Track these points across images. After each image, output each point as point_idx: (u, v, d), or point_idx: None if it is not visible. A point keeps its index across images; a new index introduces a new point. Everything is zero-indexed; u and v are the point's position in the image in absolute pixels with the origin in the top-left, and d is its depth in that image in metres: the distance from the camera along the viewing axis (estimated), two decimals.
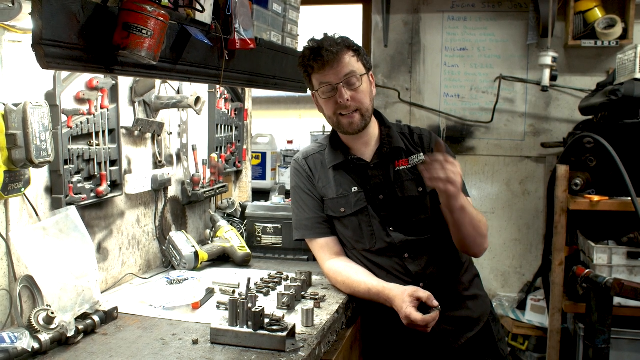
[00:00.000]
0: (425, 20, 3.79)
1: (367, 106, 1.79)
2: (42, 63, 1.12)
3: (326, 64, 1.73)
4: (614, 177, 2.59)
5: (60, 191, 1.61)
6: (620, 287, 2.00)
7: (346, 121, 1.79)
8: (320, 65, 1.74)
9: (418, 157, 1.85)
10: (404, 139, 1.89)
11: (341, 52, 1.74)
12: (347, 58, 1.75)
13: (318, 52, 1.74)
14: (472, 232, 1.72)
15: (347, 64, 1.75)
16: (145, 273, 2.04)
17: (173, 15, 1.45)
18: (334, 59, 1.73)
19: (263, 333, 1.39)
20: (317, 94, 1.81)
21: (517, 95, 3.73)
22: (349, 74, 1.75)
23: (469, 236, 1.73)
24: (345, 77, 1.74)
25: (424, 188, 1.81)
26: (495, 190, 3.81)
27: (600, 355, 2.08)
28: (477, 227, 1.72)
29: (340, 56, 1.74)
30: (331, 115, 1.81)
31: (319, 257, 1.91)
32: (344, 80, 1.74)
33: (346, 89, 1.75)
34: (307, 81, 1.84)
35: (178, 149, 2.28)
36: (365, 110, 1.79)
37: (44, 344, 1.34)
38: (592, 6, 3.38)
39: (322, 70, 1.75)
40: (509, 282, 3.84)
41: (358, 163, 1.86)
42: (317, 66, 1.75)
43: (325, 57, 1.72)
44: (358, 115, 1.78)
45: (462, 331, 1.84)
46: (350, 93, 1.75)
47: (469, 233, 1.72)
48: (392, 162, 1.85)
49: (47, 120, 1.43)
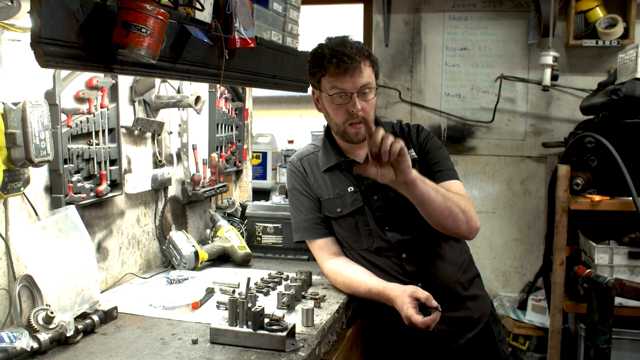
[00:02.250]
0: (426, 19, 3.79)
1: (372, 118, 1.78)
2: (41, 62, 1.12)
3: (347, 71, 1.69)
4: (615, 176, 2.59)
5: (60, 190, 1.60)
6: (621, 287, 1.99)
7: (353, 131, 1.77)
8: (341, 70, 1.69)
9: (410, 154, 1.83)
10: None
11: (362, 62, 1.71)
12: (366, 68, 1.72)
13: (340, 56, 1.69)
14: (447, 218, 1.66)
15: (365, 75, 1.72)
16: (145, 273, 2.04)
17: (173, 13, 1.45)
18: (356, 67, 1.69)
19: (263, 333, 1.38)
20: (326, 97, 1.76)
21: (518, 94, 3.72)
22: (365, 85, 1.72)
23: (444, 222, 1.68)
24: (361, 87, 1.72)
25: None
26: (496, 190, 3.81)
27: (602, 356, 2.08)
28: (449, 214, 1.66)
29: (361, 65, 1.70)
30: (339, 123, 1.78)
31: (318, 258, 1.91)
32: (360, 90, 1.72)
33: (360, 99, 1.73)
34: (315, 80, 1.79)
35: (178, 148, 2.27)
36: (370, 122, 1.78)
37: (43, 343, 1.33)
38: (593, 6, 3.37)
39: (340, 76, 1.70)
40: (510, 282, 3.84)
41: (351, 164, 1.85)
42: (336, 70, 1.70)
43: (347, 63, 1.68)
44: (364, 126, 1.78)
45: (462, 331, 1.84)
46: (362, 104, 1.73)
47: (441, 220, 1.67)
48: None
49: (46, 119, 1.42)
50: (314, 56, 1.77)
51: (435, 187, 1.65)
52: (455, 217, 1.67)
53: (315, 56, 1.76)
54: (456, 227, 1.70)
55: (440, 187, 1.67)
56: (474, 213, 1.73)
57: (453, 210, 1.66)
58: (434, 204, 1.63)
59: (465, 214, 1.69)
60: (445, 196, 1.65)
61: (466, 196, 1.78)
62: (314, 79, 1.80)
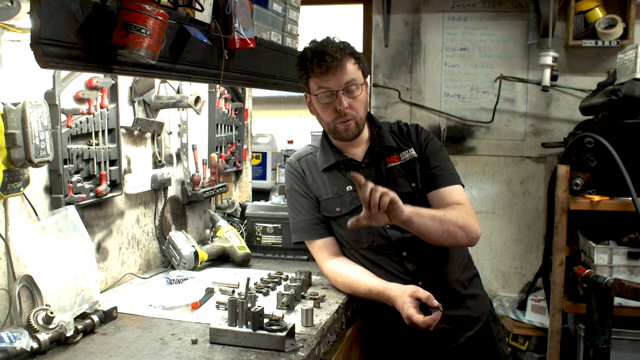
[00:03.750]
0: (426, 20, 3.79)
1: (361, 115, 1.81)
2: (40, 62, 1.12)
3: (329, 70, 1.72)
4: (615, 177, 2.59)
5: (60, 191, 1.61)
6: (620, 288, 1.99)
7: (342, 127, 1.79)
8: (323, 70, 1.72)
9: (409, 152, 1.86)
10: (394, 137, 1.89)
11: (344, 59, 1.73)
12: (349, 65, 1.74)
13: (321, 56, 1.72)
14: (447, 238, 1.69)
15: (349, 72, 1.74)
16: (145, 273, 2.04)
17: (172, 14, 1.45)
18: (338, 65, 1.72)
19: (262, 333, 1.38)
20: (314, 98, 1.80)
21: (518, 95, 3.72)
22: (349, 82, 1.74)
23: (446, 243, 1.72)
24: (346, 84, 1.74)
25: (417, 183, 1.83)
26: (496, 190, 3.81)
27: (601, 356, 2.08)
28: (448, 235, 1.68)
29: (343, 63, 1.73)
30: (329, 122, 1.80)
31: (317, 258, 1.91)
32: (345, 87, 1.74)
33: (346, 96, 1.75)
34: (303, 83, 1.82)
35: (178, 148, 2.28)
36: (359, 119, 1.80)
37: (43, 343, 1.34)
38: (592, 6, 3.37)
39: (323, 75, 1.73)
40: (510, 282, 3.84)
41: (349, 163, 1.86)
42: (318, 70, 1.73)
43: (328, 62, 1.71)
44: (353, 122, 1.79)
45: (462, 330, 1.84)
46: (349, 101, 1.75)
47: (443, 242, 1.71)
48: (383, 160, 1.86)
49: (46, 120, 1.42)
50: (299, 59, 1.80)
51: (431, 215, 1.66)
52: (455, 236, 1.70)
53: (300, 59, 1.79)
54: (457, 243, 1.74)
55: (437, 212, 1.69)
56: (474, 222, 1.74)
57: (452, 232, 1.69)
58: (432, 232, 1.66)
59: (465, 229, 1.71)
60: (442, 220, 1.67)
61: (466, 203, 1.80)
62: (302, 82, 1.83)
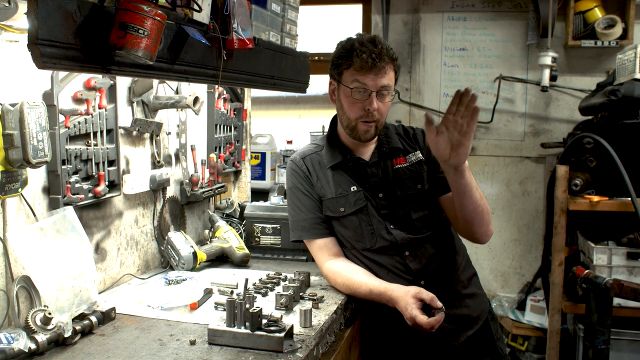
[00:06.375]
0: (425, 20, 3.79)
1: (382, 121, 1.83)
2: (38, 63, 1.12)
3: (372, 68, 1.72)
4: (614, 177, 2.59)
5: (58, 191, 1.60)
6: (619, 288, 1.99)
7: (364, 128, 1.80)
8: (369, 66, 1.71)
9: (415, 155, 1.87)
10: (400, 139, 1.91)
11: (388, 63, 1.75)
12: (389, 70, 1.76)
13: (370, 53, 1.71)
14: (477, 215, 1.70)
15: (388, 76, 1.76)
16: (144, 273, 2.04)
17: (170, 14, 1.45)
18: (383, 67, 1.73)
19: (261, 334, 1.38)
20: (344, 90, 1.78)
21: (517, 95, 3.72)
22: (385, 86, 1.75)
23: (474, 219, 1.72)
24: (381, 87, 1.75)
25: (423, 185, 1.83)
26: (495, 190, 3.80)
27: (600, 356, 2.08)
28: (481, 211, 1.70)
29: (387, 66, 1.74)
30: (352, 118, 1.80)
31: (317, 258, 1.90)
32: (379, 89, 1.75)
33: (377, 99, 1.75)
34: (336, 71, 1.81)
35: (177, 149, 2.27)
36: (380, 124, 1.82)
37: (41, 344, 1.33)
38: (592, 6, 3.37)
39: (365, 71, 1.73)
40: (509, 282, 3.83)
41: (357, 162, 1.86)
42: (363, 65, 1.72)
43: (376, 60, 1.71)
44: (375, 125, 1.80)
45: (462, 329, 1.84)
46: (379, 104, 1.76)
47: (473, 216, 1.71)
48: (390, 161, 1.86)
49: (44, 120, 1.42)
50: (343, 47, 1.79)
51: (477, 185, 1.70)
52: (483, 217, 1.72)
53: (344, 47, 1.79)
54: (479, 225, 1.74)
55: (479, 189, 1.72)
56: (491, 220, 1.78)
57: (484, 209, 1.72)
58: (473, 197, 1.67)
59: (489, 220, 1.75)
60: (481, 195, 1.71)
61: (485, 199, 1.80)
62: (336, 69, 1.81)
